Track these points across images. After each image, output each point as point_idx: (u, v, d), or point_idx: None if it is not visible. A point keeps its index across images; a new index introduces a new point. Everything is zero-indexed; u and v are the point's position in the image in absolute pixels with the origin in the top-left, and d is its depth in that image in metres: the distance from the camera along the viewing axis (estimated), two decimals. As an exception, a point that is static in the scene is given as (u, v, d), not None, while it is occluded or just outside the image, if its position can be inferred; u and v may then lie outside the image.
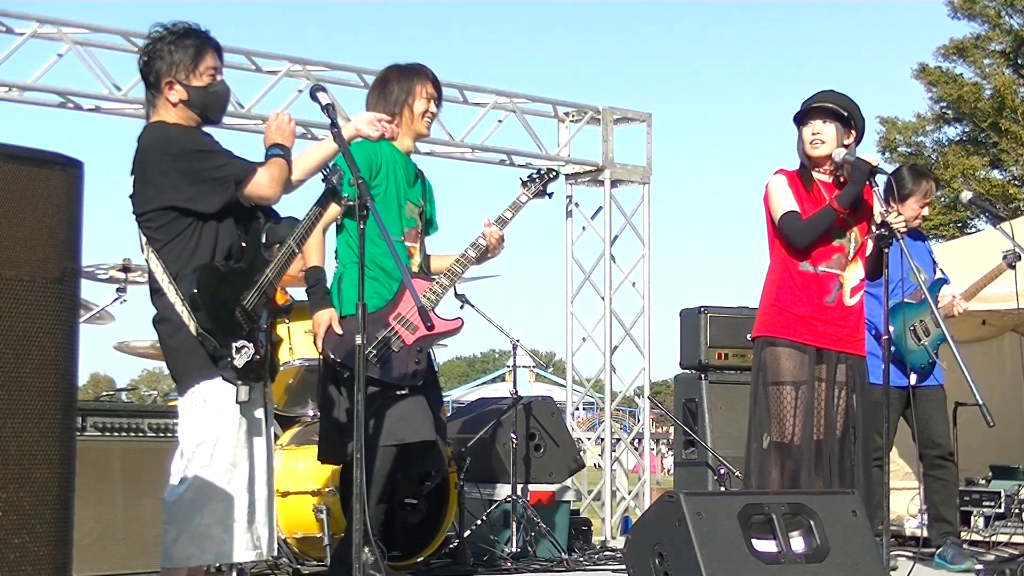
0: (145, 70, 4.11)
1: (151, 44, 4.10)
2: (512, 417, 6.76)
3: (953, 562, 6.30)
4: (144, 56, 4.12)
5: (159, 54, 4.07)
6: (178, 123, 4.08)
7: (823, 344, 5.17)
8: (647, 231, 9.34)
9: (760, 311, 5.33)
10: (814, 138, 5.19)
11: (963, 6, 25.79)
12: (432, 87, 5.22)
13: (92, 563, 5.04)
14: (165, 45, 4.07)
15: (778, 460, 5.14)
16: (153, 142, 4.04)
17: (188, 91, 4.07)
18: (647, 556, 4.45)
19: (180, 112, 4.09)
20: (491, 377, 40.77)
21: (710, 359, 7.59)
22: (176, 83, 4.06)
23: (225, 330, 3.95)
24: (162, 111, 4.10)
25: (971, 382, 5.06)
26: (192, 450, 3.97)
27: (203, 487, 3.94)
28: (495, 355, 60.05)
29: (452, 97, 8.66)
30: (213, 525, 3.93)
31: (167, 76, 4.06)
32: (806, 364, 5.13)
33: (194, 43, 4.09)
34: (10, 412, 2.48)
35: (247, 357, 3.96)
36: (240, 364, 3.95)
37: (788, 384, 5.14)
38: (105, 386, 39.56)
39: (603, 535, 8.63)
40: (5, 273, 2.50)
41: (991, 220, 7.36)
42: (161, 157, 3.99)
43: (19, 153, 2.58)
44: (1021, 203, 24.84)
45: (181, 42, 4.07)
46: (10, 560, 2.45)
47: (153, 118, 4.14)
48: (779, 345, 5.18)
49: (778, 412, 5.14)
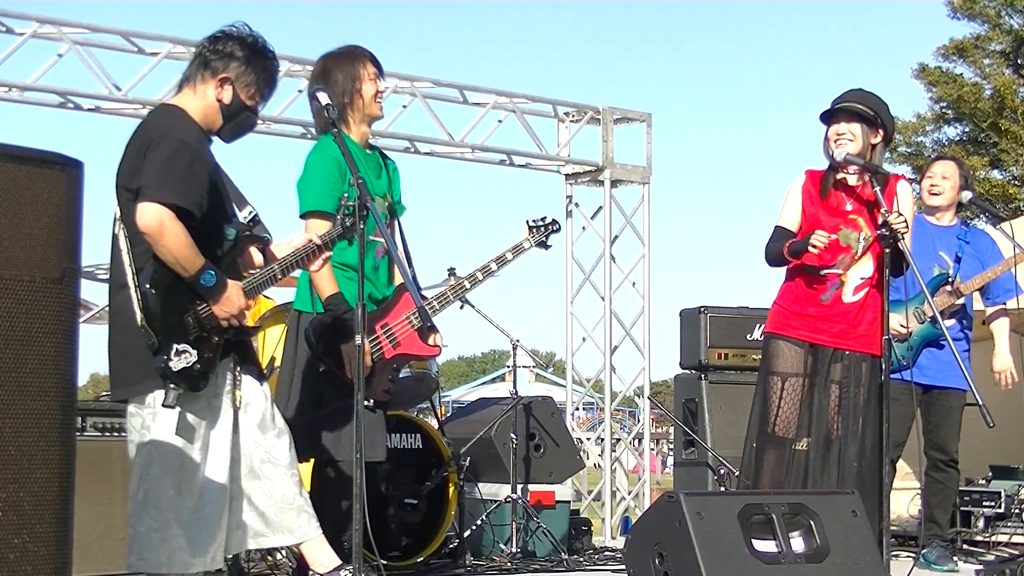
0: (210, 53, 4.07)
1: (234, 39, 4.09)
2: (512, 417, 6.76)
3: (937, 563, 6.28)
4: (217, 43, 4.08)
5: (234, 52, 4.06)
6: (194, 119, 4.05)
7: (817, 340, 5.23)
8: (647, 231, 9.35)
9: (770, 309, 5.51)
10: (839, 138, 5.21)
11: (963, 6, 25.77)
12: (372, 65, 4.98)
13: (92, 563, 5.03)
14: (245, 50, 4.08)
15: (763, 448, 5.25)
16: (160, 125, 3.99)
17: (233, 100, 4.07)
18: (647, 556, 4.45)
19: (208, 108, 4.07)
20: (491, 377, 40.75)
21: (710, 359, 7.59)
22: (230, 85, 4.06)
23: (170, 329, 3.85)
24: (190, 95, 4.08)
25: (971, 382, 5.06)
26: (142, 453, 3.94)
27: (148, 495, 3.90)
28: (495, 355, 60.02)
29: (452, 97, 8.67)
30: (152, 534, 3.89)
31: (227, 73, 4.05)
32: (797, 359, 5.25)
33: (268, 69, 4.12)
34: (10, 412, 2.48)
35: (185, 363, 3.85)
36: (176, 368, 3.84)
37: (778, 375, 5.25)
38: (105, 386, 39.47)
39: (603, 535, 8.63)
40: (5, 273, 2.50)
41: (991, 220, 7.35)
42: (159, 143, 3.91)
43: (19, 153, 2.58)
44: (1021, 203, 24.82)
45: (260, 59, 4.09)
46: (10, 560, 2.45)
47: (177, 97, 4.13)
48: (776, 339, 5.32)
49: (765, 403, 5.27)
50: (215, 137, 4.16)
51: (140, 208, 3.82)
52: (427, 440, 6.05)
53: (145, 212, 3.81)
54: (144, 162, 3.87)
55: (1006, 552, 6.93)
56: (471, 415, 7.39)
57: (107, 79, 7.38)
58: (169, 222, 3.80)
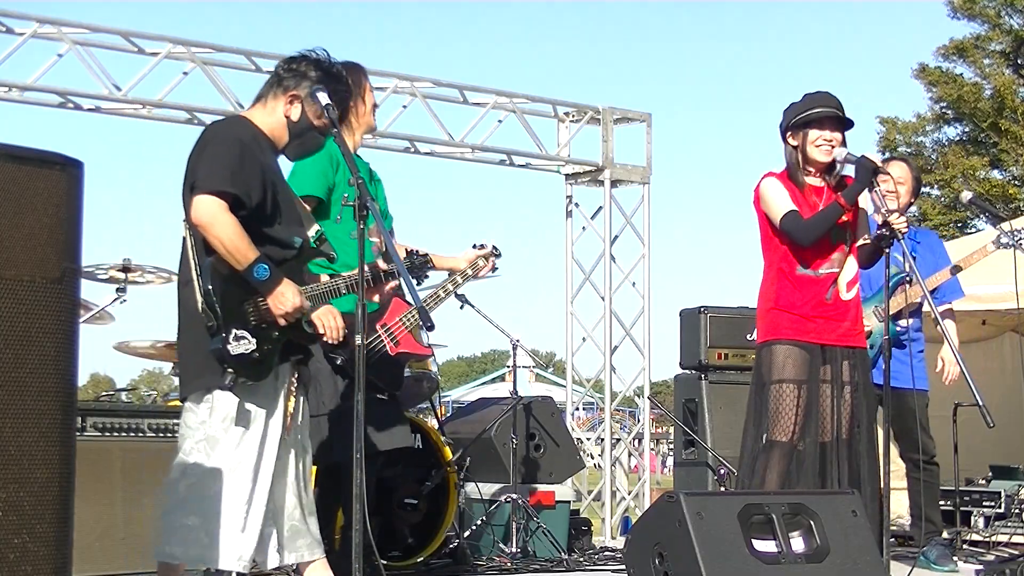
0: (284, 71, 4.20)
1: (310, 61, 4.20)
2: (512, 417, 6.76)
3: (938, 562, 6.28)
4: (293, 63, 4.21)
5: (307, 73, 4.17)
6: (261, 129, 4.13)
7: (827, 341, 5.16)
8: (647, 231, 9.35)
9: (759, 317, 5.32)
10: (825, 144, 5.20)
11: (963, 6, 25.78)
12: (367, 81, 5.20)
13: (92, 563, 5.03)
14: (319, 72, 4.17)
15: (778, 460, 5.11)
16: (217, 128, 4.12)
17: (301, 118, 4.16)
18: (647, 556, 4.45)
19: (276, 124, 4.17)
20: (491, 377, 40.77)
21: (710, 359, 7.59)
22: (299, 103, 4.15)
23: (229, 314, 3.93)
24: (260, 110, 4.18)
25: (971, 382, 5.06)
26: (191, 447, 3.97)
27: (196, 486, 3.93)
28: (495, 355, 60.06)
29: (452, 97, 8.67)
30: (198, 528, 3.91)
31: (297, 92, 4.15)
32: (809, 363, 5.12)
33: (341, 93, 4.21)
34: (10, 412, 2.48)
35: (244, 349, 3.92)
36: (234, 352, 3.91)
37: (790, 382, 5.11)
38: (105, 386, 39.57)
39: (603, 535, 8.63)
40: (5, 273, 2.50)
41: (991, 220, 7.34)
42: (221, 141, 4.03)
43: (19, 153, 2.58)
44: (1021, 203, 24.83)
45: (331, 83, 4.17)
46: (10, 560, 2.45)
47: (247, 111, 4.25)
48: (782, 344, 5.16)
49: (778, 410, 5.11)
50: (282, 155, 4.27)
51: (193, 202, 3.92)
52: (427, 440, 6.05)
53: (197, 205, 3.90)
54: (199, 160, 4.00)
55: (1006, 552, 6.94)
56: (471, 415, 7.40)
57: (107, 79, 7.39)
58: (220, 212, 3.88)
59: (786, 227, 5.14)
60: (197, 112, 7.79)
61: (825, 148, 5.18)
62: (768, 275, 5.29)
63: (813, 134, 5.20)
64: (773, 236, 5.25)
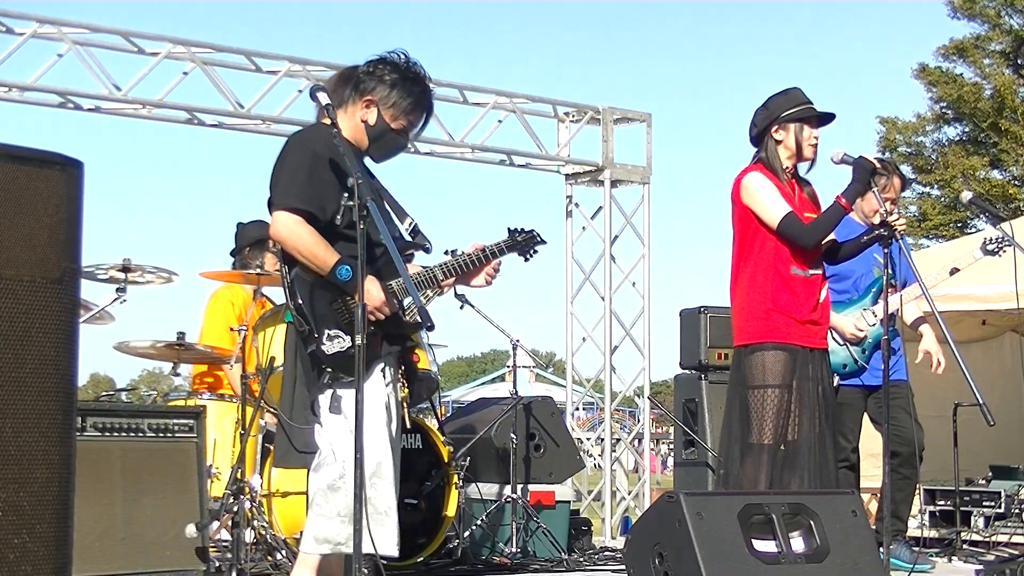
0: (363, 75, 4.23)
1: (388, 64, 4.23)
2: (512, 417, 6.76)
3: (919, 563, 6.25)
4: (371, 66, 4.24)
5: (383, 76, 4.20)
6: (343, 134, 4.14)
7: (809, 343, 5.14)
8: (647, 231, 9.35)
9: (749, 315, 5.17)
10: (816, 141, 5.22)
11: (963, 6, 25.79)
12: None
13: (92, 563, 5.03)
14: (395, 74, 4.21)
15: (765, 462, 5.03)
16: (294, 139, 4.20)
17: (378, 121, 4.20)
18: (647, 556, 4.45)
19: (356, 128, 4.22)
20: (491, 377, 40.81)
21: (710, 359, 7.59)
22: (375, 107, 4.20)
23: (319, 317, 4.03)
24: (342, 114, 4.20)
25: (971, 382, 5.06)
26: (330, 445, 4.04)
27: (337, 481, 4.02)
28: (495, 355, 60.04)
29: (452, 97, 8.67)
30: (333, 517, 4.03)
31: (372, 96, 4.19)
32: (792, 366, 5.07)
33: (414, 94, 4.23)
34: (10, 412, 2.48)
35: (339, 347, 4.02)
36: (329, 352, 4.01)
37: (778, 387, 5.05)
38: (105, 386, 39.61)
39: (603, 535, 8.63)
40: (5, 273, 2.50)
41: (991, 220, 7.34)
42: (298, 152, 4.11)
43: (19, 153, 2.58)
44: (1021, 203, 24.84)
45: (408, 84, 4.21)
46: (10, 560, 2.45)
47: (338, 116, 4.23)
48: (767, 349, 5.08)
49: (761, 415, 5.04)
50: (368, 158, 4.31)
51: (272, 219, 4.08)
52: (427, 440, 6.05)
53: (275, 222, 4.07)
54: (276, 174, 4.12)
55: (1006, 552, 6.94)
56: (471, 415, 7.39)
57: (107, 79, 7.39)
58: (295, 226, 4.02)
59: (787, 230, 5.08)
60: (197, 112, 7.79)
61: (816, 145, 5.23)
62: (756, 272, 5.17)
63: (807, 131, 5.21)
64: (759, 232, 5.14)
